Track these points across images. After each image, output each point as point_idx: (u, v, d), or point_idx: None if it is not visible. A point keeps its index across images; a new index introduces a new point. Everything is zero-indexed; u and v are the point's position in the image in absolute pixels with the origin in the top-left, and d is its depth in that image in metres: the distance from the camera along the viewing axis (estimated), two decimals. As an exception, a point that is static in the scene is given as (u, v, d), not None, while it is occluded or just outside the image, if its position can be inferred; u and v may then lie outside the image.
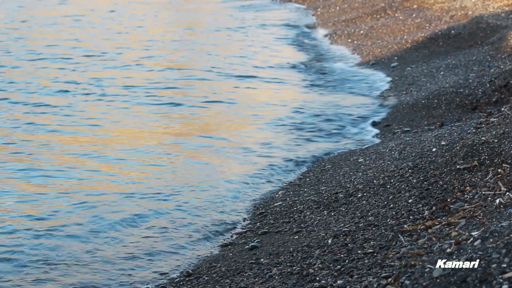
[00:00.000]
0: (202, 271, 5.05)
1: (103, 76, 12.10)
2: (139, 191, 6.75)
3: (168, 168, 7.55)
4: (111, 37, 16.57)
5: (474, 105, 8.96)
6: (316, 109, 10.04)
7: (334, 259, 4.62)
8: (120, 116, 9.55)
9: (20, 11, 21.14)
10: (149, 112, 9.86)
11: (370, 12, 19.85)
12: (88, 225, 5.93)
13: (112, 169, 7.42)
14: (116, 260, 5.33)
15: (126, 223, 5.99)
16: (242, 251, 5.34)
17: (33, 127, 8.93)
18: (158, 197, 6.60)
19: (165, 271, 5.18)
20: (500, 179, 4.90)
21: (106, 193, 6.68)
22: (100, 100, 10.42)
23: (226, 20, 20.42)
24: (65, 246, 5.55)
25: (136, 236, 5.78)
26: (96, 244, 5.60)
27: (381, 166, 6.44)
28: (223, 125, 9.28)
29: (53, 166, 7.45)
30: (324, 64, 13.72)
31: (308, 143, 8.43)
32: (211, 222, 6.10)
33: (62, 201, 6.49)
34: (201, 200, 6.59)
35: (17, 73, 12.35)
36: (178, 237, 5.82)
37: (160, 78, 12.04)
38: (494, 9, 15.56)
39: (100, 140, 8.46)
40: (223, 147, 8.24)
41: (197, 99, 10.58)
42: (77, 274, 5.12)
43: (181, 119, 9.54)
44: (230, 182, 7.03)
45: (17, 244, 5.57)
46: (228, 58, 14.17)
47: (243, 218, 6.14)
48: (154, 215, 6.20)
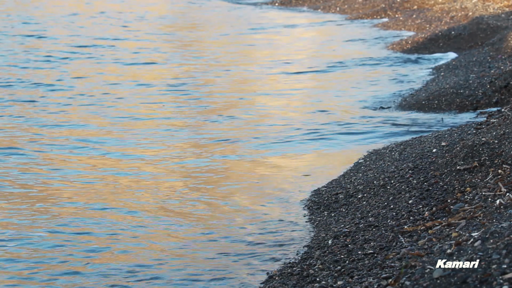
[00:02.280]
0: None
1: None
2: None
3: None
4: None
5: (475, 106, 8.96)
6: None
7: (335, 259, 4.62)
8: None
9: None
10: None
11: (370, 13, 19.86)
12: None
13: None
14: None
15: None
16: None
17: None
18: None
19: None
20: (500, 180, 4.90)
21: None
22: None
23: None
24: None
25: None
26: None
27: (381, 167, 6.44)
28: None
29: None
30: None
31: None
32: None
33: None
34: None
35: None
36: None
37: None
38: (494, 10, 15.57)
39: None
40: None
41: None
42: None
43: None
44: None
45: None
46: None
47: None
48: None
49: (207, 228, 5.67)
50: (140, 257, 5.14)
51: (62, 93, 10.90)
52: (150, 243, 5.39)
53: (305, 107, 10.18)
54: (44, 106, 10.09)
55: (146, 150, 7.94)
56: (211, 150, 7.92)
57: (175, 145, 8.18)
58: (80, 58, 13.88)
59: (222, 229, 5.64)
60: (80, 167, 7.35)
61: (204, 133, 8.68)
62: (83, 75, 12.26)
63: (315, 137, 8.37)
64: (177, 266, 4.97)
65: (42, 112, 9.75)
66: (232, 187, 6.72)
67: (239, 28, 19.43)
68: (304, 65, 13.40)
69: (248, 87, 11.81)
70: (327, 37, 17.32)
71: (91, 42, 15.73)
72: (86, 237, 5.52)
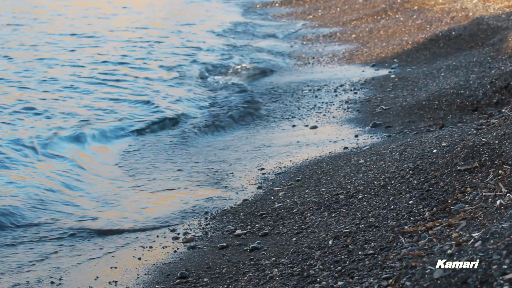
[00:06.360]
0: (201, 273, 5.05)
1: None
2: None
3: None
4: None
5: (475, 106, 8.95)
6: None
7: (335, 260, 4.62)
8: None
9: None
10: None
11: (371, 14, 19.85)
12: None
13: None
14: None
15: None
16: (242, 252, 5.34)
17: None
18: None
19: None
20: (500, 180, 4.90)
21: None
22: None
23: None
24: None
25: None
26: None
27: (382, 167, 6.44)
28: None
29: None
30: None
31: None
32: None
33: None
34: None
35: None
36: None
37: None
38: (495, 11, 15.57)
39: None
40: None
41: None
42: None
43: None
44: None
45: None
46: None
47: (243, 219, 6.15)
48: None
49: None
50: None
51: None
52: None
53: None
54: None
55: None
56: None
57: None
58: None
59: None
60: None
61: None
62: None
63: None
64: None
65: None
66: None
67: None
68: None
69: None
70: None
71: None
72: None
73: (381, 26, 17.25)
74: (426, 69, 11.93)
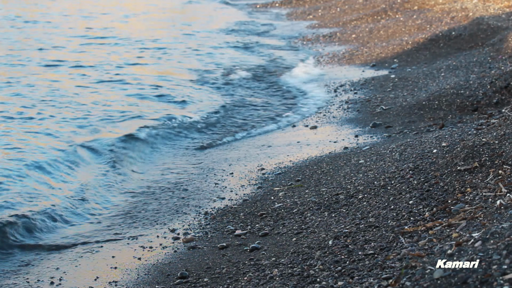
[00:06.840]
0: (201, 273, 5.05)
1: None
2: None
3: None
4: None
5: (475, 106, 8.95)
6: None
7: (335, 260, 4.62)
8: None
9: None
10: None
11: (371, 14, 19.85)
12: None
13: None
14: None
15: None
16: (242, 252, 5.34)
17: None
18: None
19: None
20: (500, 180, 4.90)
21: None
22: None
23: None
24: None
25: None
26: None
27: (382, 167, 6.44)
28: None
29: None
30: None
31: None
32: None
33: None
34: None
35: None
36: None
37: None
38: (495, 11, 15.57)
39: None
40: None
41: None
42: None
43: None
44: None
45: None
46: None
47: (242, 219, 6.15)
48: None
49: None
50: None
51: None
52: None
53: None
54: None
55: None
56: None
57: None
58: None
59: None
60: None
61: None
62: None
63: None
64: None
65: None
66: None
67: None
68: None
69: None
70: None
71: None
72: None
73: (381, 26, 17.25)
74: (426, 69, 11.93)
